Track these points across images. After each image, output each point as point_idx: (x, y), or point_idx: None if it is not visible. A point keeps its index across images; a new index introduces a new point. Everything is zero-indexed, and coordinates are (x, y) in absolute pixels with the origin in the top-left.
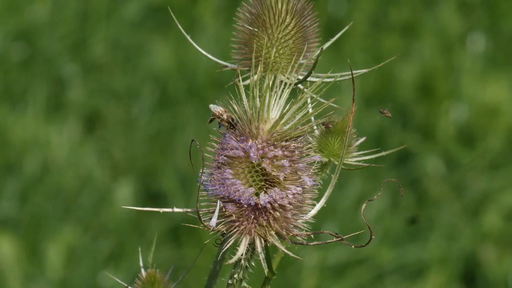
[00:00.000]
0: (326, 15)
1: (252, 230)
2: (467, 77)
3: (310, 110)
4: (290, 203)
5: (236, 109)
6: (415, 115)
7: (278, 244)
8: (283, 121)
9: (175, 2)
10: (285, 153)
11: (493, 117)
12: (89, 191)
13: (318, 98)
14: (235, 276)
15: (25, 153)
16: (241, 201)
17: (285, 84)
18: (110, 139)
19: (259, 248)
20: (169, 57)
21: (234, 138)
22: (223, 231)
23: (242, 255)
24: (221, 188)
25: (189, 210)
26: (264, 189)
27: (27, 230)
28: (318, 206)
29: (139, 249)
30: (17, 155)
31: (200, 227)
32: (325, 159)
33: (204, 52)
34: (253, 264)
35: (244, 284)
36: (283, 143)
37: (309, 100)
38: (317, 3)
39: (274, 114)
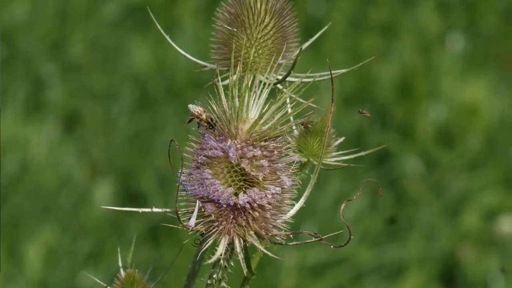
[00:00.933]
0: (305, 15)
1: (231, 230)
2: (446, 77)
3: (289, 110)
4: (269, 203)
5: (215, 109)
6: (394, 115)
7: (257, 244)
8: (262, 121)
9: (154, 2)
10: (264, 153)
11: (472, 116)
12: (68, 191)
13: (297, 98)
14: (214, 276)
15: (4, 153)
16: (220, 201)
17: (264, 84)
18: (89, 139)
19: (238, 248)
20: (148, 57)
21: (213, 138)
22: (202, 231)
23: (221, 255)
24: (200, 188)
25: (168, 210)
26: (243, 189)
27: (6, 230)
28: (297, 206)
29: (118, 249)
30: None
31: (179, 227)
32: (304, 159)
33: (183, 52)
34: (232, 264)
35: (223, 284)
36: (262, 143)
37: (288, 100)
38: (296, 3)
39: (253, 114)
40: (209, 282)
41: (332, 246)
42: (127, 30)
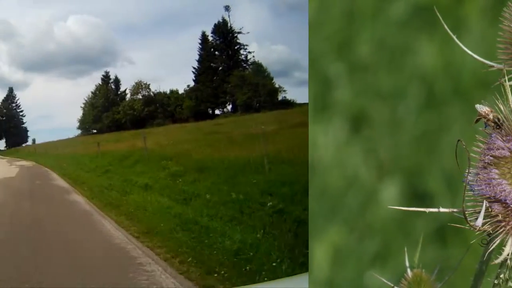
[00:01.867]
0: None
1: None
2: None
3: None
4: None
5: (502, 109)
6: None
7: None
8: None
9: (441, 2)
10: None
11: None
12: (355, 191)
13: None
14: (501, 276)
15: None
16: (507, 201)
17: None
18: (376, 139)
19: None
20: (435, 56)
21: (500, 138)
22: (489, 231)
23: (508, 255)
24: (487, 188)
25: (455, 210)
26: None
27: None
28: None
29: (405, 249)
30: None
31: (466, 227)
32: None
33: (470, 52)
34: None
35: (510, 284)
36: None
37: None
38: None
39: None
40: (496, 282)
41: None
42: (414, 29)
